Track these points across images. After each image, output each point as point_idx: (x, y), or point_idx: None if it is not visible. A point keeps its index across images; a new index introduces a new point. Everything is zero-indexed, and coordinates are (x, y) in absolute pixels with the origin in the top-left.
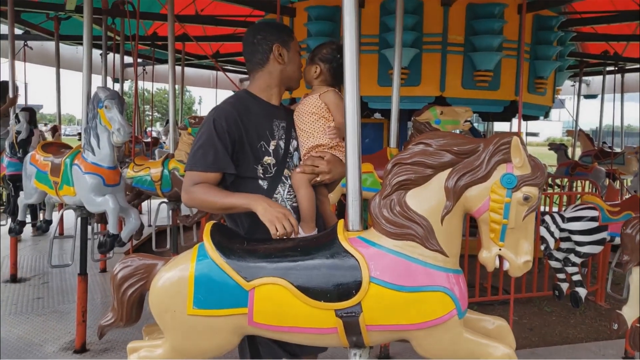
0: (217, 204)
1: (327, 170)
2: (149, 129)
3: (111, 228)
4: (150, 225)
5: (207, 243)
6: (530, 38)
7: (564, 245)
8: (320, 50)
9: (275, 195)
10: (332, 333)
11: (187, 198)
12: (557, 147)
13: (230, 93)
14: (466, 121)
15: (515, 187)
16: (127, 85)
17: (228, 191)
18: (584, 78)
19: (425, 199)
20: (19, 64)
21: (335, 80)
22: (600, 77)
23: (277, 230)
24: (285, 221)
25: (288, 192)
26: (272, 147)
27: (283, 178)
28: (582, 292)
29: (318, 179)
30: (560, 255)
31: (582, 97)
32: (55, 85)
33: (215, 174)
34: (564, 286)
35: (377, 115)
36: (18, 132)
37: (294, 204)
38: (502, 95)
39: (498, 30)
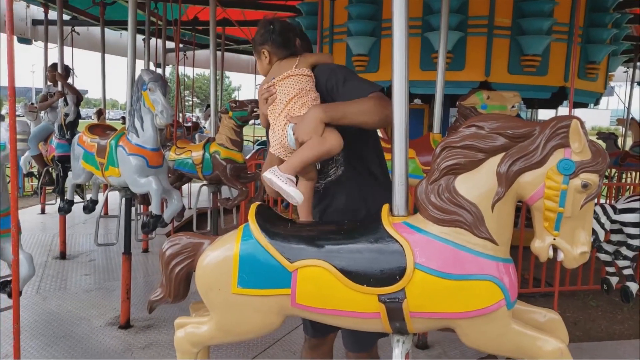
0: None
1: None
2: (188, 114)
3: (154, 209)
4: (191, 208)
5: (252, 224)
6: (582, 20)
7: (614, 237)
8: (255, 37)
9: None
10: (375, 318)
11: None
12: (606, 136)
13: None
14: (513, 107)
15: (573, 174)
16: (167, 70)
17: None
18: (639, 64)
19: (476, 185)
20: (66, 49)
21: (286, 48)
22: None
23: None
24: None
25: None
26: None
27: None
28: (633, 286)
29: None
30: (610, 248)
31: (635, 84)
32: (100, 70)
33: None
34: (614, 280)
35: (417, 101)
36: (66, 115)
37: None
38: (550, 81)
39: (548, 12)
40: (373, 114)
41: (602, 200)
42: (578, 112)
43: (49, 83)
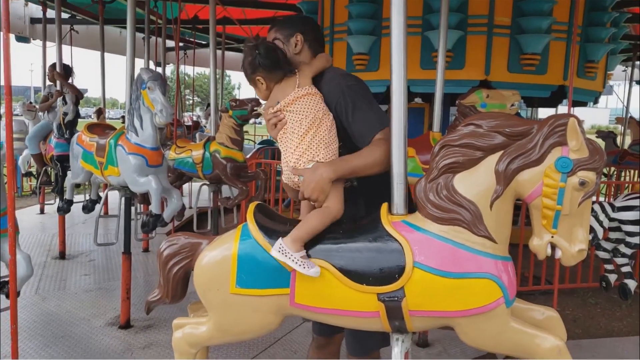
0: None
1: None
2: (189, 113)
3: (154, 208)
4: (191, 207)
5: (251, 223)
6: (581, 19)
7: (613, 235)
8: (244, 67)
9: None
10: (374, 317)
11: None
12: (605, 134)
13: None
14: (513, 105)
15: (570, 172)
16: (168, 69)
17: None
18: (637, 62)
19: (474, 183)
20: (65, 48)
21: (279, 69)
22: None
23: None
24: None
25: None
26: None
27: None
28: (631, 284)
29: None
30: (608, 245)
31: (634, 83)
32: (99, 69)
33: None
34: (612, 277)
35: (417, 100)
36: (65, 114)
37: None
38: (550, 80)
39: (547, 12)
40: (381, 164)
41: (601, 199)
42: (577, 110)
43: (49, 83)
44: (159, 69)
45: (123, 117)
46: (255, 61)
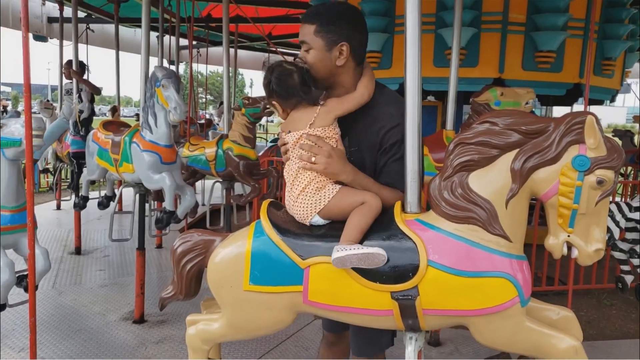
0: None
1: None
2: (201, 111)
3: (167, 205)
4: (204, 204)
5: (264, 220)
6: (598, 16)
7: (629, 235)
8: (263, 87)
9: None
10: (388, 315)
11: None
12: (622, 133)
13: None
14: (527, 103)
15: (588, 170)
16: (181, 67)
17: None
18: None
19: (489, 181)
20: (81, 47)
21: (293, 97)
22: None
23: None
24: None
25: None
26: None
27: None
28: None
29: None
30: (625, 246)
31: None
32: (114, 67)
33: None
34: (629, 279)
35: (431, 98)
36: (81, 111)
37: None
38: (565, 78)
39: (564, 8)
40: (386, 203)
41: (618, 198)
42: (593, 109)
43: (67, 80)
44: (173, 67)
45: (137, 114)
46: (269, 87)
